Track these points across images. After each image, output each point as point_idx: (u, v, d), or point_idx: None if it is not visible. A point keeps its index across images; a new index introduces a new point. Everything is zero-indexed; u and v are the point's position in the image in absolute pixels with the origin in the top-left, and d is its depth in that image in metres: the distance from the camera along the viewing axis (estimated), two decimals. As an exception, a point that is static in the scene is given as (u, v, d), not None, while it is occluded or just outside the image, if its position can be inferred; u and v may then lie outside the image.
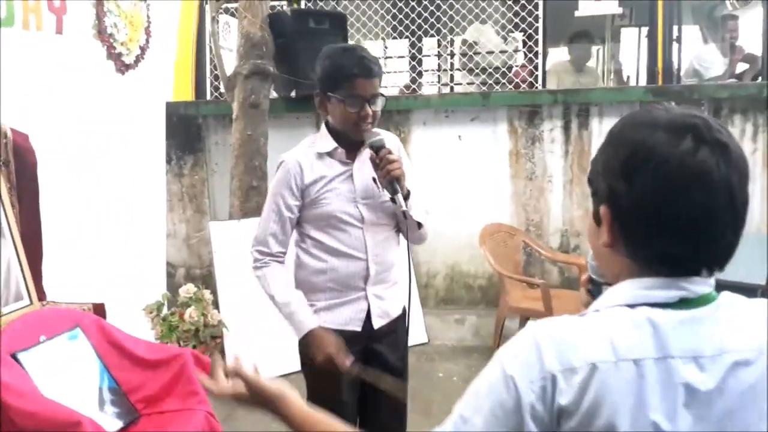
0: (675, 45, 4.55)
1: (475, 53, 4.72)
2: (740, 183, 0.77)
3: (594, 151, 3.17)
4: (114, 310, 2.74)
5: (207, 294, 3.57)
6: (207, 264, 4.68)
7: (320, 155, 1.83)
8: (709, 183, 0.75)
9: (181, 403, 2.25)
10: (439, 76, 5.54)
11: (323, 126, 1.87)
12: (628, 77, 5.95)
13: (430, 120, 4.32)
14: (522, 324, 4.00)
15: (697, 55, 4.92)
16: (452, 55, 5.27)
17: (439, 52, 5.44)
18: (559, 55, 5.22)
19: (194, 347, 3.34)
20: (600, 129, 4.24)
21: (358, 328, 1.87)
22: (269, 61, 4.05)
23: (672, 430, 0.74)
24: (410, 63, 5.24)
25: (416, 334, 4.13)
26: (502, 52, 4.71)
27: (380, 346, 1.92)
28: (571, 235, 4.39)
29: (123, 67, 3.53)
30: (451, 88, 5.07)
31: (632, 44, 6.00)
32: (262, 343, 3.65)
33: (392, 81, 5.40)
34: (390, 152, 1.75)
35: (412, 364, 3.81)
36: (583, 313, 0.83)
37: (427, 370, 3.80)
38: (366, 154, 1.80)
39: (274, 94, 4.36)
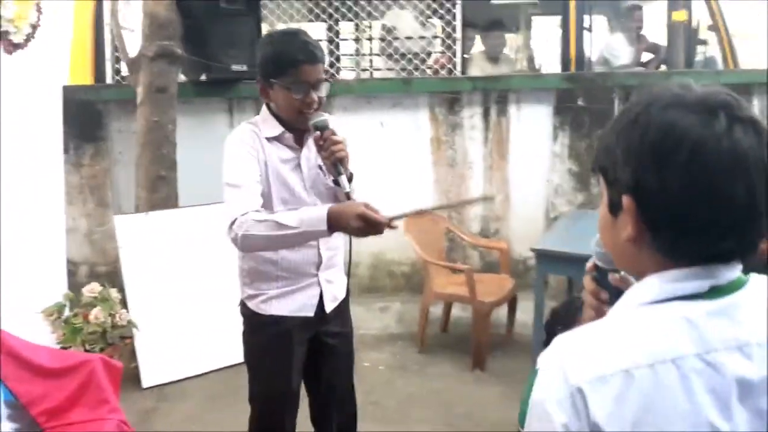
0: (586, 34, 4.69)
1: (394, 38, 4.65)
2: None
3: (513, 138, 3.16)
4: (9, 315, 2.52)
5: (114, 293, 3.33)
6: (112, 260, 4.35)
7: (268, 140, 1.77)
8: (747, 165, 0.68)
9: (91, 413, 2.06)
10: (357, 61, 5.44)
11: (265, 109, 1.81)
12: (540, 65, 6.11)
13: (351, 106, 4.21)
14: (446, 309, 4.02)
15: (607, 44, 5.11)
16: (371, 39, 5.18)
17: (357, 36, 5.33)
18: (480, 44, 5.26)
19: (101, 350, 3.10)
20: (518, 115, 4.31)
21: (311, 314, 1.87)
22: (177, 42, 3.78)
23: (730, 428, 0.67)
24: (328, 47, 5.10)
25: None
26: (421, 38, 4.66)
27: (330, 328, 1.95)
28: (491, 220, 4.44)
29: (11, 47, 3.17)
30: (371, 74, 4.98)
31: (544, 33, 6.16)
32: (176, 342, 3.46)
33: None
34: (334, 133, 1.71)
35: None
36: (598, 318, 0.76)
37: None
38: (312, 141, 1.78)
39: (182, 78, 4.10)
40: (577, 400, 0.69)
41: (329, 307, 1.92)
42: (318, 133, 1.71)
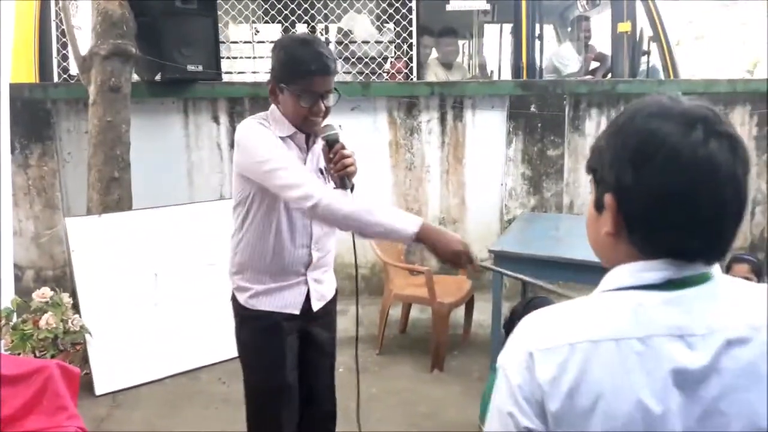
0: (537, 42, 4.84)
1: (351, 42, 4.68)
2: (745, 176, 0.78)
3: (469, 142, 3.27)
4: (-47, 322, 2.36)
5: (66, 297, 3.21)
6: (61, 264, 4.21)
7: (279, 138, 1.77)
8: (718, 176, 0.75)
9: (48, 420, 1.99)
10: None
11: (275, 108, 1.80)
12: (492, 72, 6.25)
13: (309, 108, 4.21)
14: (405, 311, 4.05)
15: (556, 52, 5.28)
16: (328, 42, 5.18)
17: (313, 39, 5.32)
18: (434, 51, 5.33)
19: (53, 357, 2.99)
20: (473, 121, 4.40)
21: (297, 311, 1.91)
22: (131, 41, 3.70)
23: (662, 410, 0.73)
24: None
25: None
26: (378, 42, 4.71)
27: (316, 327, 2.00)
28: (448, 222, 4.51)
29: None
30: (328, 77, 4.98)
31: (495, 40, 6.31)
32: (130, 348, 3.37)
33: (264, 67, 5.19)
34: (344, 147, 1.75)
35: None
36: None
37: (313, 365, 3.71)
38: (317, 145, 1.81)
39: (136, 78, 4.00)
40: (528, 363, 0.77)
41: (316, 305, 1.95)
42: (328, 146, 1.74)
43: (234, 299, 1.95)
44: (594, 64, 5.50)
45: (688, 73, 5.47)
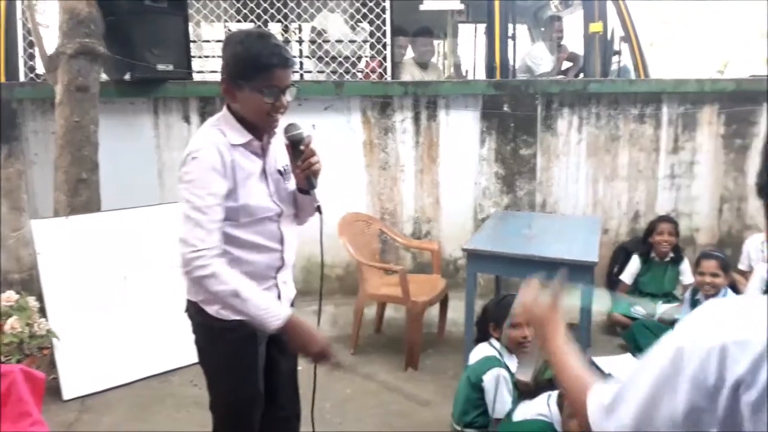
0: (510, 42, 4.87)
1: (324, 41, 4.65)
2: None
3: (443, 142, 3.31)
4: None
5: (32, 301, 3.14)
6: (27, 267, 4.11)
7: (233, 146, 1.72)
8: None
9: (11, 426, 1.94)
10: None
11: (228, 114, 1.74)
12: (466, 71, 6.28)
13: (282, 108, 4.18)
14: (379, 311, 4.05)
15: (529, 52, 5.32)
16: (300, 42, 5.16)
17: (286, 38, 5.29)
18: (410, 51, 5.34)
19: (18, 362, 2.92)
20: (447, 120, 4.41)
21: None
22: (99, 40, 3.63)
23: None
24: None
25: (273, 330, 3.98)
26: (351, 41, 4.69)
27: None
28: (423, 221, 4.52)
29: None
30: (301, 76, 4.96)
31: (470, 40, 6.33)
32: (98, 352, 3.32)
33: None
34: (310, 143, 1.75)
35: (272, 361, 3.70)
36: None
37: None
38: (274, 145, 1.80)
39: (104, 77, 3.93)
40: (716, 355, 0.78)
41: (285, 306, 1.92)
42: (292, 146, 1.75)
43: (199, 311, 1.84)
44: (566, 64, 5.56)
45: (661, 73, 5.55)
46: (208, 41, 5.02)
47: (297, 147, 1.74)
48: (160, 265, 3.55)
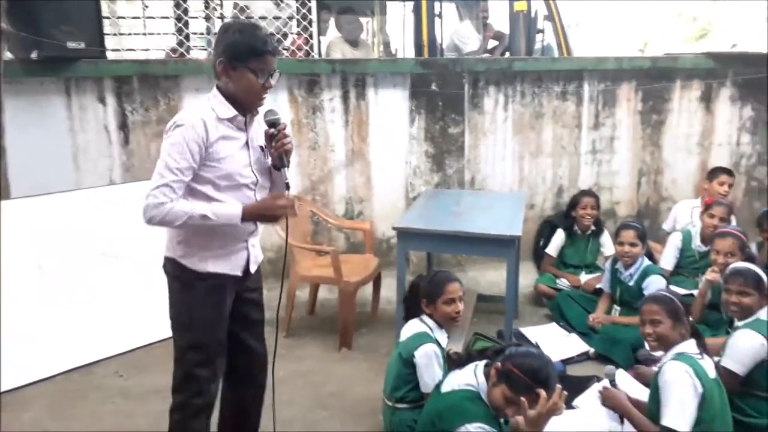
0: (437, 20, 4.88)
1: (248, 18, 4.51)
2: None
3: (372, 121, 3.37)
4: None
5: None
6: (-69, 262, 3.83)
7: (220, 119, 2.00)
8: None
9: None
10: (209, 40, 5.20)
11: (218, 93, 2.02)
12: (396, 50, 6.26)
13: (204, 87, 4.03)
14: (312, 292, 4.02)
15: (456, 30, 5.35)
16: (222, 18, 4.98)
17: (207, 14, 5.10)
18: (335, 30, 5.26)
19: None
20: (376, 99, 4.38)
21: (240, 273, 2.15)
22: (1, 17, 3.38)
23: None
24: (176, 25, 4.82)
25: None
26: (276, 18, 4.57)
27: (247, 287, 2.24)
28: (355, 202, 4.50)
29: None
30: (225, 54, 4.79)
31: (398, 18, 6.30)
32: (15, 345, 3.15)
33: (155, 43, 4.93)
34: (285, 126, 2.06)
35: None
36: None
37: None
38: (256, 122, 2.09)
39: (9, 56, 3.67)
40: None
41: (253, 268, 2.21)
42: (271, 128, 2.04)
43: (175, 266, 2.09)
44: (492, 43, 5.63)
45: (585, 52, 5.70)
46: (123, 18, 4.77)
47: (274, 128, 2.04)
48: (79, 252, 3.39)
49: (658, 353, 2.51)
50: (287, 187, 2.10)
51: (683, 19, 15.41)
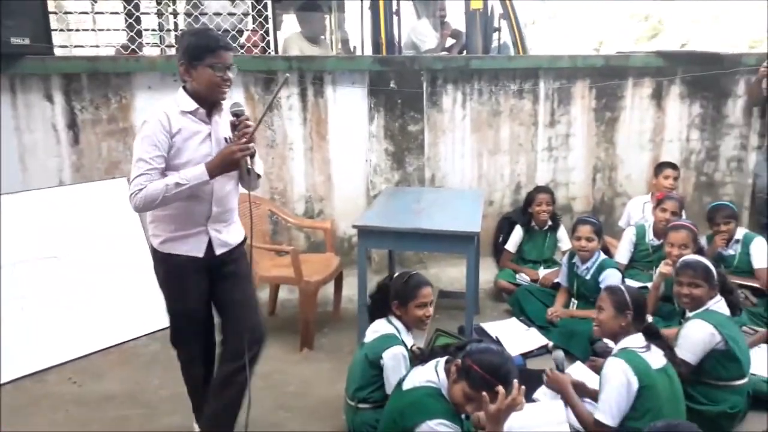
0: (395, 18, 4.88)
1: (202, 14, 4.42)
2: None
3: (331, 119, 3.41)
4: None
5: None
6: None
7: (183, 113, 2.22)
8: None
9: None
10: (161, 36, 5.08)
11: (182, 90, 2.25)
12: (354, 47, 6.23)
13: (157, 84, 3.93)
14: (273, 293, 3.96)
15: (413, 28, 5.35)
16: (175, 14, 4.87)
17: (159, 11, 4.97)
18: (295, 26, 5.19)
19: None
20: (335, 97, 4.35)
21: (200, 254, 2.35)
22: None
23: None
24: (126, 21, 4.68)
25: (158, 319, 3.79)
26: (231, 14, 4.49)
27: (226, 267, 2.42)
28: (315, 200, 4.46)
29: None
30: (177, 50, 4.68)
31: (357, 15, 6.27)
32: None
33: (105, 40, 4.78)
34: (248, 119, 2.24)
35: (156, 353, 3.53)
36: None
37: (174, 354, 3.51)
38: (221, 115, 2.30)
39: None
40: None
41: (219, 251, 2.38)
42: (234, 117, 2.23)
43: (155, 252, 2.38)
44: (450, 41, 5.66)
45: (542, 51, 5.79)
46: (70, 13, 4.61)
47: (236, 118, 2.23)
48: (27, 256, 3.26)
49: (611, 344, 2.60)
50: (248, 172, 2.27)
51: (635, 19, 15.84)
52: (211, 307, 2.49)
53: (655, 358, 2.43)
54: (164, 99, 2.25)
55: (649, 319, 2.65)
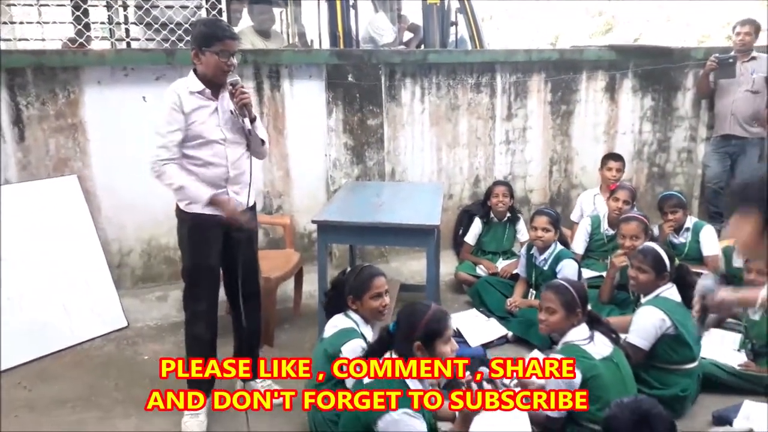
0: (352, 11, 4.85)
1: (153, 7, 4.30)
2: None
3: (289, 113, 3.41)
4: None
5: None
6: None
7: (192, 93, 2.57)
8: None
9: None
10: (111, 29, 4.92)
11: (192, 74, 2.59)
12: (312, 41, 6.17)
13: (106, 79, 3.80)
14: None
15: (371, 22, 5.33)
16: (125, 7, 4.73)
17: (108, 3, 4.82)
18: (247, 20, 5.10)
19: None
20: (292, 91, 4.30)
21: (220, 213, 2.64)
22: None
23: None
24: (74, 13, 4.52)
25: (112, 319, 3.70)
26: (183, 7, 4.38)
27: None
28: (273, 196, 4.40)
29: None
30: (128, 44, 4.55)
31: (313, 8, 6.21)
32: None
33: (52, 33, 4.60)
34: (243, 86, 2.59)
35: (111, 353, 3.45)
36: None
37: (131, 356, 3.45)
38: (227, 94, 2.61)
39: None
40: None
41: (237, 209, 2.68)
42: (231, 86, 2.56)
43: (177, 208, 2.70)
44: (408, 35, 5.66)
45: (500, 46, 5.84)
46: (14, 4, 4.43)
47: (233, 87, 2.55)
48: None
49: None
50: (250, 133, 2.65)
51: (589, 14, 16.18)
52: (220, 266, 2.78)
53: (600, 348, 2.49)
54: (114, 94, 2.27)
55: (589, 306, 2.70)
